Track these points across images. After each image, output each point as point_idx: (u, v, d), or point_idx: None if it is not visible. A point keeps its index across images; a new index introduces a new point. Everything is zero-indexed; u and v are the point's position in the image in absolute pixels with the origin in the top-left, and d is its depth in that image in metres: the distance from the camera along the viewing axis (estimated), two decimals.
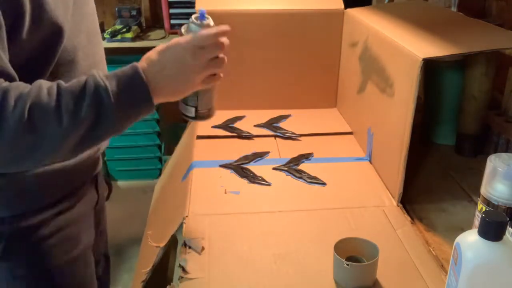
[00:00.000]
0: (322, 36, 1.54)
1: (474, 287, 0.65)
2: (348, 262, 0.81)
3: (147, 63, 0.74)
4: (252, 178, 1.18)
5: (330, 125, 1.49)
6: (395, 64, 1.11)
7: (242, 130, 1.43)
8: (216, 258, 0.91)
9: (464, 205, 1.10)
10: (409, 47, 1.03)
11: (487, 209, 0.80)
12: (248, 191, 1.14)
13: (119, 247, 2.33)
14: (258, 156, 1.29)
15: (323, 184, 1.17)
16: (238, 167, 1.24)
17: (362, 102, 1.35)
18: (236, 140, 1.40)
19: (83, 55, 0.85)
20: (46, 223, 0.87)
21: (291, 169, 1.23)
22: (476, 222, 0.85)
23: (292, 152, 1.31)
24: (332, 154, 1.32)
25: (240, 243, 0.95)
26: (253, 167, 1.24)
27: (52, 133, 0.67)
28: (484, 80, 1.23)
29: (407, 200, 1.10)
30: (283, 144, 1.38)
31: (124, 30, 2.66)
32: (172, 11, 2.78)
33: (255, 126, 1.47)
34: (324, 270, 0.86)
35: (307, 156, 1.29)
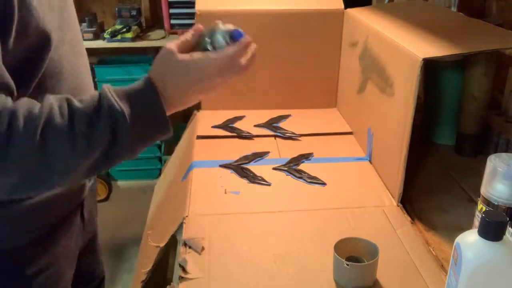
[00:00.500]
0: (322, 36, 1.54)
1: (474, 287, 0.65)
2: (348, 262, 0.81)
3: (170, 87, 0.69)
4: (252, 178, 1.18)
5: (330, 125, 1.49)
6: (395, 64, 1.11)
7: (242, 130, 1.43)
8: (216, 258, 0.91)
9: (464, 205, 1.10)
10: (409, 47, 1.03)
11: (487, 209, 0.80)
12: (248, 191, 1.14)
13: (119, 247, 2.33)
14: (258, 156, 1.29)
15: (323, 184, 1.17)
16: (238, 167, 1.24)
17: (362, 102, 1.35)
18: (236, 140, 1.40)
19: (69, 67, 0.79)
20: (27, 261, 0.82)
21: (291, 169, 1.23)
22: (476, 222, 0.85)
23: (292, 152, 1.31)
24: (332, 154, 1.32)
25: (240, 243, 0.95)
26: (253, 167, 1.24)
27: (65, 157, 0.63)
28: (484, 80, 1.23)
29: (407, 200, 1.10)
30: (283, 144, 1.38)
31: (124, 30, 2.67)
32: (172, 11, 2.78)
33: (255, 126, 1.47)
34: (324, 270, 0.86)
35: (307, 156, 1.29)
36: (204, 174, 1.22)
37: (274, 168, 1.24)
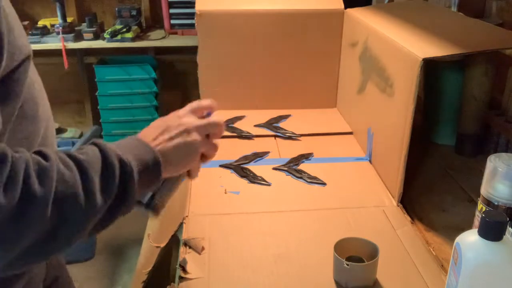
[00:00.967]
0: (322, 36, 1.54)
1: (474, 287, 0.65)
2: (348, 262, 0.81)
3: (164, 157, 0.68)
4: (252, 178, 1.18)
5: (330, 125, 1.49)
6: (395, 64, 1.11)
7: (242, 130, 1.43)
8: (216, 258, 0.91)
9: (464, 205, 1.10)
10: (409, 47, 1.03)
11: (487, 209, 0.80)
12: (248, 191, 1.14)
13: (119, 247, 2.33)
14: (258, 156, 1.29)
15: (323, 184, 1.17)
16: (238, 167, 1.24)
17: (362, 102, 1.35)
18: (236, 140, 1.40)
19: (38, 86, 0.70)
20: None
21: (291, 169, 1.23)
22: (476, 222, 0.85)
23: (292, 152, 1.31)
24: (332, 154, 1.32)
25: (240, 243, 0.95)
26: (253, 167, 1.24)
27: (76, 216, 0.57)
28: (484, 80, 1.23)
29: (407, 200, 1.10)
30: (283, 144, 1.38)
31: (124, 30, 2.67)
32: (172, 11, 2.78)
33: (255, 126, 1.47)
34: (324, 270, 0.86)
35: (307, 156, 1.29)
36: (204, 174, 1.21)
37: (274, 168, 1.24)
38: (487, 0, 1.58)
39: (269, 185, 1.16)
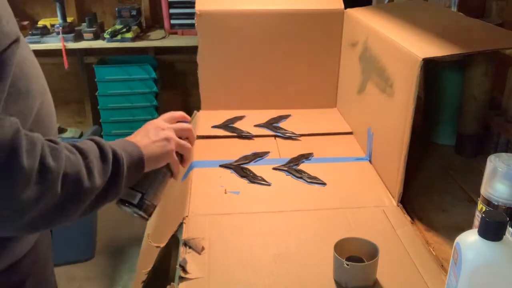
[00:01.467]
0: (322, 36, 1.54)
1: (474, 287, 0.65)
2: (348, 262, 0.81)
3: (147, 151, 0.80)
4: (252, 178, 1.18)
5: (330, 125, 1.49)
6: (395, 64, 1.11)
7: (242, 130, 1.43)
8: (216, 258, 0.91)
9: (464, 205, 1.10)
10: (409, 47, 1.03)
11: (487, 209, 0.80)
12: (248, 191, 1.14)
13: (119, 247, 2.33)
14: (258, 156, 1.29)
15: (323, 184, 1.17)
16: (238, 167, 1.24)
17: (362, 102, 1.35)
18: (236, 140, 1.40)
19: (33, 68, 0.76)
20: None
21: (291, 169, 1.23)
22: (476, 222, 0.85)
23: (292, 152, 1.31)
24: (332, 154, 1.32)
25: (240, 243, 0.95)
26: (253, 167, 1.24)
27: (79, 191, 0.66)
28: (484, 80, 1.23)
29: (407, 200, 1.10)
30: (283, 144, 1.38)
31: (124, 30, 2.67)
32: (172, 11, 2.78)
33: (255, 126, 1.47)
34: (324, 270, 0.86)
35: (307, 156, 1.29)
36: (204, 174, 1.22)
37: (274, 168, 1.24)
38: (487, 0, 1.58)
39: (269, 185, 1.16)
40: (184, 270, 0.87)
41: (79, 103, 3.14)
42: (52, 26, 2.73)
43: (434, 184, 1.20)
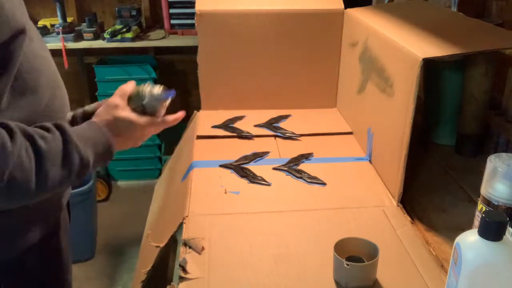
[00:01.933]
0: (322, 36, 1.54)
1: (474, 287, 0.65)
2: (348, 262, 0.81)
3: (116, 137, 0.82)
4: (252, 178, 1.18)
5: (330, 125, 1.49)
6: (395, 64, 1.11)
7: (242, 130, 1.43)
8: (216, 258, 0.91)
9: (464, 205, 1.10)
10: (409, 47, 1.03)
11: (487, 209, 0.80)
12: (248, 191, 1.14)
13: (119, 247, 2.33)
14: (258, 156, 1.29)
15: (323, 184, 1.17)
16: (238, 167, 1.24)
17: (362, 102, 1.35)
18: (236, 140, 1.40)
19: (44, 62, 0.79)
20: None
21: (291, 169, 1.23)
22: (476, 222, 0.85)
23: (292, 152, 1.31)
24: (332, 154, 1.32)
25: (240, 243, 0.95)
26: (253, 167, 1.24)
27: (25, 195, 0.68)
28: (484, 80, 1.23)
29: (407, 200, 1.10)
30: (283, 144, 1.38)
31: (124, 30, 2.66)
32: (172, 11, 2.78)
33: (255, 126, 1.47)
34: (324, 270, 0.86)
35: (307, 156, 1.29)
36: (204, 174, 1.22)
37: (274, 168, 1.24)
38: (487, 0, 1.58)
39: (269, 185, 1.16)
40: (184, 270, 0.87)
41: (79, 103, 3.14)
42: (52, 26, 2.73)
43: (434, 184, 1.20)
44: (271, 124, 1.48)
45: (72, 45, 2.65)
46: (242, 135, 1.41)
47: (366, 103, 1.31)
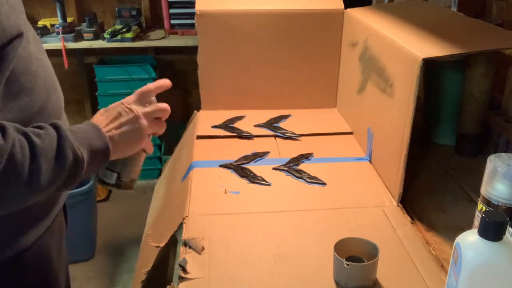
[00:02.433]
0: (322, 36, 1.54)
1: (474, 287, 0.65)
2: (348, 262, 0.81)
3: (113, 143, 0.77)
4: (252, 178, 1.18)
5: (330, 125, 1.49)
6: (395, 64, 1.11)
7: (242, 130, 1.43)
8: (216, 258, 0.91)
9: (464, 205, 1.10)
10: (409, 47, 1.03)
11: (487, 209, 0.80)
12: (248, 191, 1.14)
13: (119, 247, 2.33)
14: (258, 156, 1.29)
15: (323, 184, 1.17)
16: (238, 167, 1.24)
17: (362, 102, 1.35)
18: (236, 140, 1.40)
19: (41, 64, 0.79)
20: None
21: (291, 169, 1.23)
22: (476, 222, 0.85)
23: (292, 152, 1.31)
24: (332, 154, 1.32)
25: (240, 243, 0.95)
26: (253, 167, 1.24)
27: (16, 192, 0.65)
28: (484, 80, 1.23)
29: (407, 200, 1.10)
30: (283, 144, 1.38)
31: (124, 30, 2.66)
32: (172, 11, 2.78)
33: (255, 126, 1.47)
34: (324, 270, 0.86)
35: (307, 156, 1.29)
36: (204, 174, 1.22)
37: (274, 168, 1.24)
38: (487, 0, 1.57)
39: (269, 185, 1.16)
40: (184, 270, 0.87)
41: (79, 103, 3.14)
42: (52, 26, 2.73)
43: (434, 184, 1.20)
44: (271, 124, 1.48)
45: (72, 45, 2.66)
46: (242, 135, 1.41)
47: (366, 103, 1.31)
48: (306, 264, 0.89)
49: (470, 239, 0.65)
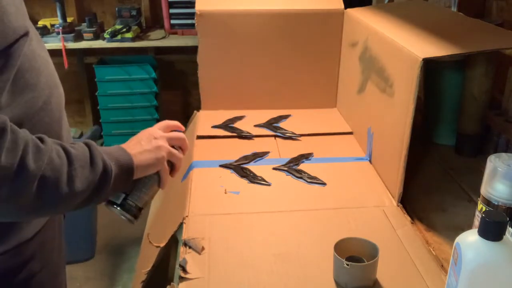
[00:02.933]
0: (322, 36, 1.54)
1: (474, 287, 0.65)
2: (348, 262, 0.81)
3: (137, 159, 0.80)
4: (252, 178, 1.18)
5: (330, 125, 1.49)
6: (395, 64, 1.11)
7: (242, 130, 1.43)
8: (216, 258, 0.91)
9: (464, 205, 1.10)
10: (409, 47, 1.03)
11: (487, 209, 0.80)
12: (248, 191, 1.14)
13: (119, 247, 2.33)
14: (258, 156, 1.29)
15: (323, 184, 1.17)
16: (238, 167, 1.24)
17: (362, 102, 1.35)
18: (236, 140, 1.40)
19: (43, 61, 0.80)
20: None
21: (291, 169, 1.23)
22: (476, 222, 0.85)
23: (292, 152, 1.31)
24: (332, 154, 1.32)
25: (240, 243, 0.95)
26: (253, 167, 1.24)
27: (54, 197, 0.67)
28: (484, 80, 1.23)
29: (407, 200, 1.10)
30: (283, 144, 1.38)
31: (124, 30, 2.66)
32: (172, 11, 2.78)
33: (255, 126, 1.47)
34: (324, 270, 0.86)
35: (307, 156, 1.29)
36: (204, 174, 1.22)
37: (274, 168, 1.24)
38: (487, 0, 1.58)
39: (269, 185, 1.16)
40: (184, 270, 0.87)
41: (79, 103, 3.14)
42: (52, 26, 2.73)
43: (434, 184, 1.20)
44: (271, 124, 1.48)
45: (72, 45, 2.66)
46: (242, 135, 1.41)
47: (366, 103, 1.31)
48: (306, 264, 0.89)
49: (470, 239, 0.65)
